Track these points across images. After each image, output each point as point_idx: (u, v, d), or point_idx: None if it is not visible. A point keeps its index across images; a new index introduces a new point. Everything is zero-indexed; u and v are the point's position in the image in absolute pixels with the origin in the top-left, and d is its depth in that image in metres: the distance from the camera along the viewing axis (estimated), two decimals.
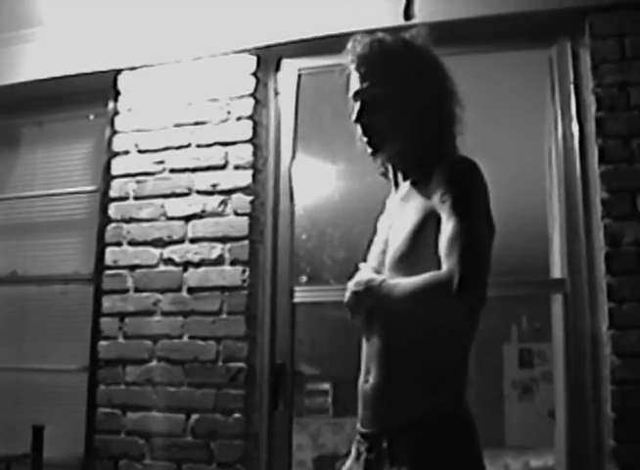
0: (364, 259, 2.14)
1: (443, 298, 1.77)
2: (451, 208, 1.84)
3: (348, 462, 2.06)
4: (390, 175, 2.16)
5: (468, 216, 1.83)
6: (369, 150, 2.10)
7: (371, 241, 2.17)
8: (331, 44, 2.16)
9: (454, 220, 1.82)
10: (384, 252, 2.04)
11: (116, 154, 3.63)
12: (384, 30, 2.17)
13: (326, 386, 8.26)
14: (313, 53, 3.40)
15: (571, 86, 3.09)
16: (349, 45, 2.11)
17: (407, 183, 2.08)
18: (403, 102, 2.04)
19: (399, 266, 1.93)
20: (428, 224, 1.90)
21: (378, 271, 2.02)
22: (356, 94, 2.09)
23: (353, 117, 2.10)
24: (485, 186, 1.94)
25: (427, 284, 1.81)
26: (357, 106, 2.09)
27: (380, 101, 2.05)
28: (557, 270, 3.10)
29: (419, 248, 1.90)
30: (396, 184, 2.14)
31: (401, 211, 2.04)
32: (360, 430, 2.02)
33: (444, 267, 1.78)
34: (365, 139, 2.09)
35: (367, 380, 1.99)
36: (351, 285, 2.04)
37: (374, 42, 2.08)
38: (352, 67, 2.10)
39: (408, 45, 2.10)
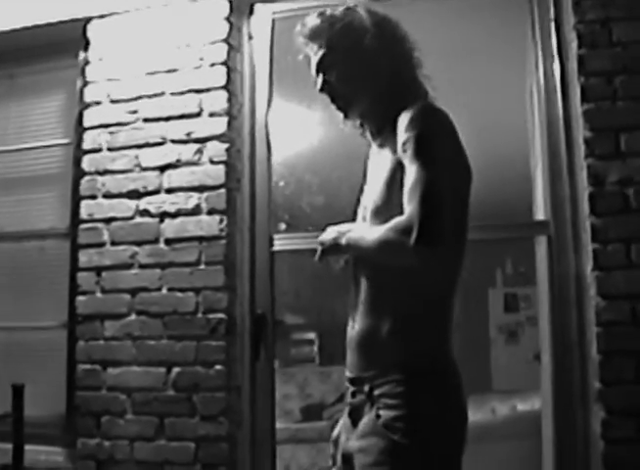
0: (354, 211, 2.19)
1: (403, 243, 1.79)
2: (411, 156, 1.88)
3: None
4: (367, 132, 2.20)
5: (427, 163, 1.85)
6: (340, 114, 2.16)
7: (361, 191, 2.20)
8: None
9: (414, 168, 1.86)
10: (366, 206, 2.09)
11: (88, 105, 3.55)
12: None
13: (311, 335, 8.25)
14: None
15: (552, 23, 3.04)
16: (299, 28, 2.16)
17: (380, 136, 2.13)
18: (362, 62, 2.08)
19: (376, 220, 1.97)
20: (397, 176, 1.94)
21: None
22: (317, 65, 2.13)
23: (317, 87, 2.15)
24: (451, 130, 1.98)
25: (387, 231, 1.85)
26: (320, 76, 2.13)
27: (338, 65, 2.09)
28: (540, 212, 3.08)
29: (392, 200, 1.93)
30: (373, 138, 2.18)
31: (376, 164, 2.10)
32: (347, 374, 2.08)
33: (405, 214, 1.82)
34: (334, 105, 2.15)
35: (354, 326, 2.05)
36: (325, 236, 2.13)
37: (322, 15, 2.12)
38: (307, 42, 2.14)
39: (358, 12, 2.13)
